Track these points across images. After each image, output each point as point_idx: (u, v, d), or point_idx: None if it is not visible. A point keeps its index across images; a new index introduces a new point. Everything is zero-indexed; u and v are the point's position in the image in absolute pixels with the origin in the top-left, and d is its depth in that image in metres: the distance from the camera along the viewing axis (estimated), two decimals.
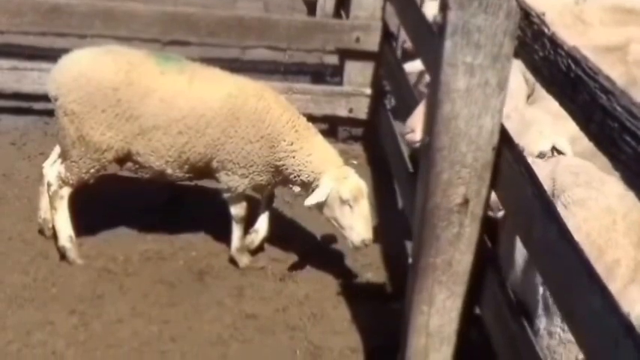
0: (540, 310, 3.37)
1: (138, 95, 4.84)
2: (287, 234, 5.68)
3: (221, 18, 6.91)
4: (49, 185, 5.12)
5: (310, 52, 8.60)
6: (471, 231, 3.40)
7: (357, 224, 4.87)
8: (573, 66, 2.54)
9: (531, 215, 2.91)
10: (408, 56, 6.52)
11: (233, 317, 4.80)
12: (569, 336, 3.02)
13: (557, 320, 3.22)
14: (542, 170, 3.51)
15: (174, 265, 5.28)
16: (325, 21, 7.61)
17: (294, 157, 4.96)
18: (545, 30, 2.83)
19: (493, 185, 3.32)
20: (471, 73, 3.11)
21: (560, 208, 3.18)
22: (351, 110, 7.09)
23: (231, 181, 5.04)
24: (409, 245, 4.96)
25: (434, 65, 3.32)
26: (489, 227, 3.60)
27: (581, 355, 2.89)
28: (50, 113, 7.34)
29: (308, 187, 5.01)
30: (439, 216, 3.37)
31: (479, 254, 3.47)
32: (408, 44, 6.50)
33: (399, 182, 5.87)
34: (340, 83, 7.28)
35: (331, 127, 7.20)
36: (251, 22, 6.92)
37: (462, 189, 3.30)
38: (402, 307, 3.93)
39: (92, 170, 5.01)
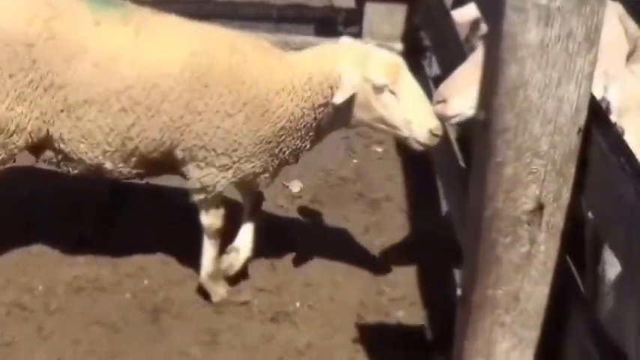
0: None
1: (62, 55, 4.84)
2: (280, 253, 5.74)
3: None
4: None
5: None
6: (546, 250, 3.39)
7: (411, 112, 4.85)
8: None
9: (634, 225, 2.90)
10: None
11: None
12: None
13: None
14: None
15: (117, 298, 5.31)
16: None
17: (296, 105, 4.95)
18: None
19: (578, 184, 3.31)
20: (547, 20, 3.10)
21: None
22: None
23: (206, 176, 5.05)
24: (457, 271, 4.97)
25: (493, 10, 3.31)
26: (573, 242, 3.60)
27: None
28: None
29: (339, 116, 5.01)
30: (501, 229, 3.37)
31: (558, 284, 3.46)
32: None
33: (444, 180, 5.89)
34: (359, 35, 7.28)
35: None
36: None
37: (533, 189, 3.29)
38: None
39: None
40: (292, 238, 5.84)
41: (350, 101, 4.86)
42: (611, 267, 3.68)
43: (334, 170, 6.64)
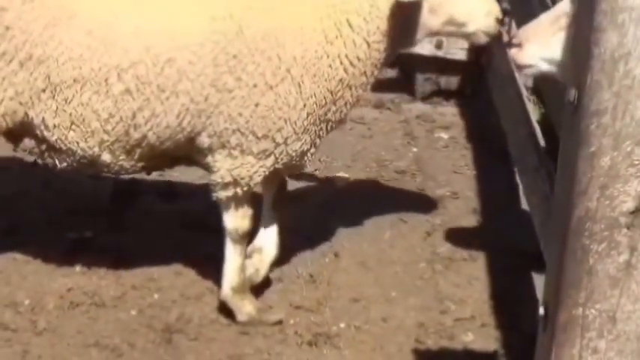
0: None
1: (43, 21, 4.84)
2: (322, 263, 5.79)
3: None
4: None
5: None
6: None
7: (472, 5, 5.20)
8: None
9: None
10: None
11: None
12: None
13: None
14: None
15: (120, 316, 5.32)
16: None
17: (358, 44, 5.04)
18: None
19: None
20: None
21: None
22: (439, 45, 7.16)
23: (240, 167, 5.08)
24: (539, 283, 4.99)
25: None
26: None
27: None
28: None
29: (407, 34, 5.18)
30: (594, 233, 3.39)
31: None
32: None
33: (524, 173, 5.90)
34: None
35: (403, 74, 7.23)
36: None
37: (635, 185, 3.31)
38: None
39: None
40: (336, 243, 5.85)
41: (417, 10, 5.06)
42: None
43: (390, 161, 6.65)
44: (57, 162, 5.10)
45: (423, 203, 6.39)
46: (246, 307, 5.35)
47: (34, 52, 4.80)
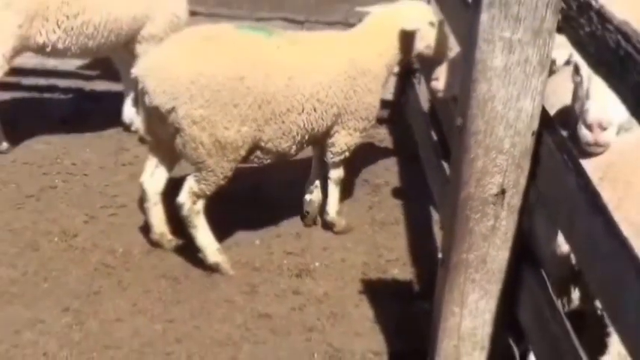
0: None
1: (264, 77, 4.87)
2: (299, 219, 5.78)
3: None
4: (179, 205, 5.02)
5: (331, 26, 8.60)
6: (507, 224, 3.42)
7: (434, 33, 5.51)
8: (623, 42, 2.54)
9: (574, 209, 2.93)
10: None
11: (244, 317, 4.83)
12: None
13: None
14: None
15: (179, 258, 5.29)
16: None
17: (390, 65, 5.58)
18: (593, 2, 2.84)
19: (532, 174, 3.34)
20: (510, 49, 3.13)
21: None
22: None
23: (352, 140, 5.42)
24: (439, 239, 4.99)
25: (468, 41, 3.34)
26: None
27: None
28: (41, 89, 7.47)
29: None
30: (473, 207, 3.39)
31: (516, 250, 3.49)
32: None
33: (429, 170, 5.90)
34: None
35: None
36: None
37: (498, 178, 3.32)
38: (430, 308, 3.96)
39: (229, 173, 4.98)
40: None
41: (412, 38, 5.46)
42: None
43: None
44: (264, 161, 5.19)
45: (366, 188, 6.37)
46: (342, 221, 5.70)
47: (265, 97, 4.86)
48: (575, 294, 3.72)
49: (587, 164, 3.24)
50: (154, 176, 5.17)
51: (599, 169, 3.49)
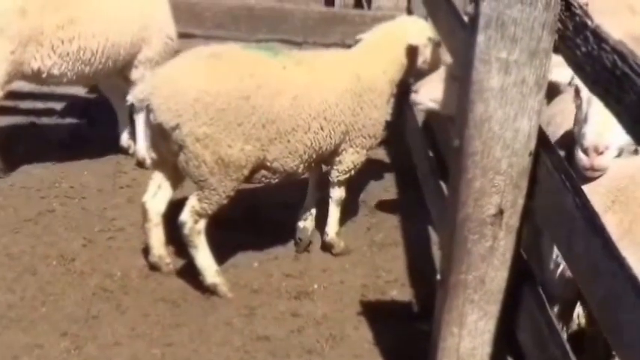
0: None
1: (269, 97, 4.88)
2: (296, 251, 5.74)
3: (229, 7, 6.94)
4: (181, 224, 5.01)
5: (328, 47, 8.62)
6: (505, 245, 3.42)
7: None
8: (619, 62, 2.55)
9: (573, 229, 2.93)
10: None
11: (243, 339, 4.81)
12: None
13: None
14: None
15: (178, 282, 5.28)
16: (345, 12, 7.64)
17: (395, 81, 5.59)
18: (589, 22, 2.85)
19: (530, 194, 3.34)
20: (506, 70, 3.14)
21: None
22: None
23: (358, 157, 5.43)
24: (438, 260, 4.98)
25: (465, 62, 3.34)
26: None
27: None
28: (38, 113, 7.47)
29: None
30: (471, 228, 3.39)
31: (515, 270, 3.49)
32: None
33: (427, 191, 5.90)
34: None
35: None
36: (262, 13, 6.95)
37: (495, 198, 3.33)
38: (429, 329, 3.96)
39: (231, 192, 4.98)
40: (312, 236, 5.79)
41: (415, 53, 5.49)
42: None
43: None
44: (272, 180, 5.19)
45: (364, 209, 6.36)
46: (341, 243, 5.67)
47: (269, 117, 4.86)
48: (576, 314, 3.72)
49: (599, 188, 3.26)
50: (156, 197, 5.15)
51: (610, 193, 3.50)
